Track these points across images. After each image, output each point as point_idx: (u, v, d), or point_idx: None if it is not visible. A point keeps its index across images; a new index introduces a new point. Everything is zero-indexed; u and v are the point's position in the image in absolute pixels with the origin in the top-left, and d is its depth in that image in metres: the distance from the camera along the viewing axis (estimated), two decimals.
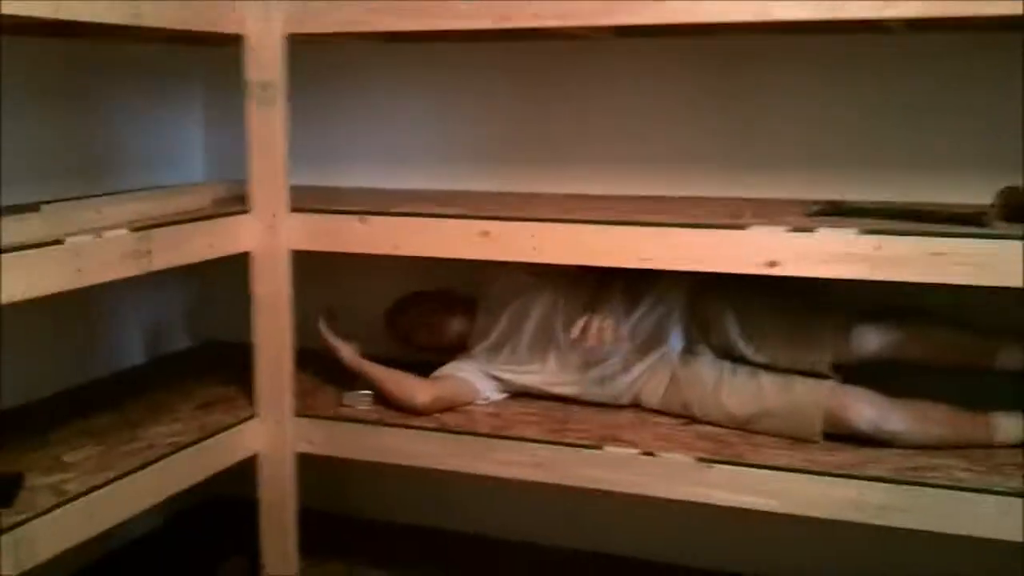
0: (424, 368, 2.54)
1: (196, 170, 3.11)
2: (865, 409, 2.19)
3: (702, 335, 2.43)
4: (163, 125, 3.01)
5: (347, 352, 2.51)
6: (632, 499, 2.22)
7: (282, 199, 2.34)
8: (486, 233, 2.20)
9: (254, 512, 2.50)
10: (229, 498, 2.78)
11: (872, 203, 2.25)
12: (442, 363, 2.59)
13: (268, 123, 2.30)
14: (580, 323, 2.39)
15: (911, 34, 2.31)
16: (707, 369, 2.37)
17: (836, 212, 2.15)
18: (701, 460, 2.15)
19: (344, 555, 2.88)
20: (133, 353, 2.97)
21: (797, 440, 2.23)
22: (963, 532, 1.99)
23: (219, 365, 2.83)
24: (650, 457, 2.19)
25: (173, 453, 2.22)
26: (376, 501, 3.08)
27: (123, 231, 2.04)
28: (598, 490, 2.24)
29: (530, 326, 2.56)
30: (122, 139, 2.83)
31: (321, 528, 2.93)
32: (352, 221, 2.31)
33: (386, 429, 2.40)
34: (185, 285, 3.11)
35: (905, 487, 2.02)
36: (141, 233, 2.07)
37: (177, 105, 3.07)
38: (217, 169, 3.08)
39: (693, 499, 2.16)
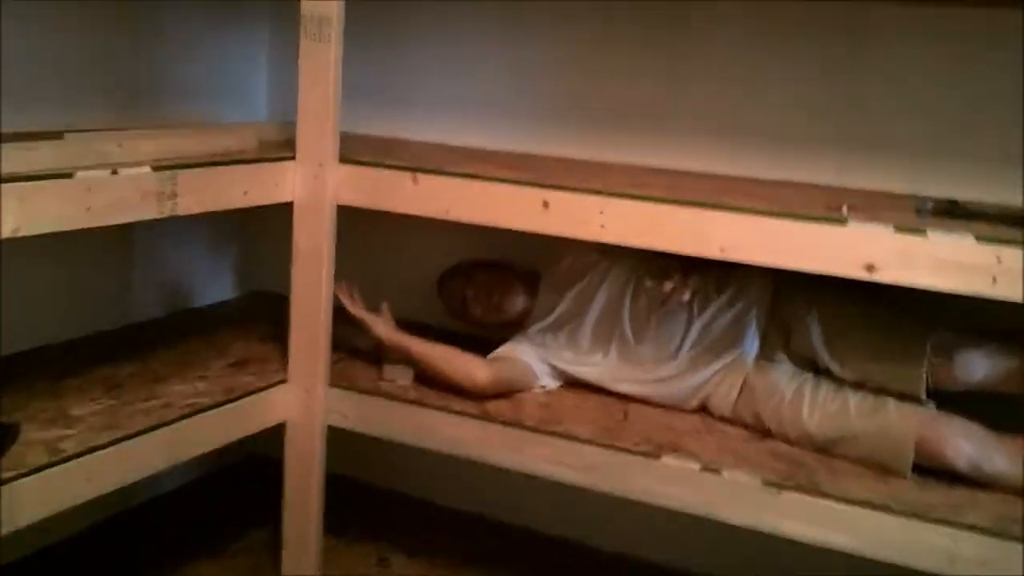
0: (468, 344, 2.30)
1: (259, 107, 2.91)
2: (965, 445, 1.90)
3: (781, 341, 2.16)
4: (226, 54, 2.81)
5: (383, 328, 2.28)
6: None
7: (331, 148, 2.12)
8: (547, 204, 1.95)
9: None
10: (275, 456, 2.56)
11: (995, 206, 1.95)
12: (491, 340, 2.36)
13: (320, 63, 2.08)
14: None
15: None
16: (786, 379, 2.10)
17: (951, 213, 1.86)
18: (769, 484, 1.88)
19: (374, 535, 2.68)
20: (175, 300, 2.79)
21: (883, 471, 1.95)
22: None
23: (265, 319, 2.64)
24: (712, 474, 1.93)
25: (190, 416, 2.03)
26: (417, 476, 2.87)
27: (145, 169, 1.84)
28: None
29: (595, 311, 2.32)
30: (180, 66, 2.63)
31: (353, 500, 2.80)
32: (404, 178, 2.08)
33: (425, 410, 2.18)
34: (237, 230, 2.92)
35: (1008, 543, 1.73)
36: (165, 173, 1.87)
37: (242, 33, 2.85)
38: (281, 108, 2.86)
39: (757, 527, 1.90)
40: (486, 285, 2.44)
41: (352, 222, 2.19)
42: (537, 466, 2.08)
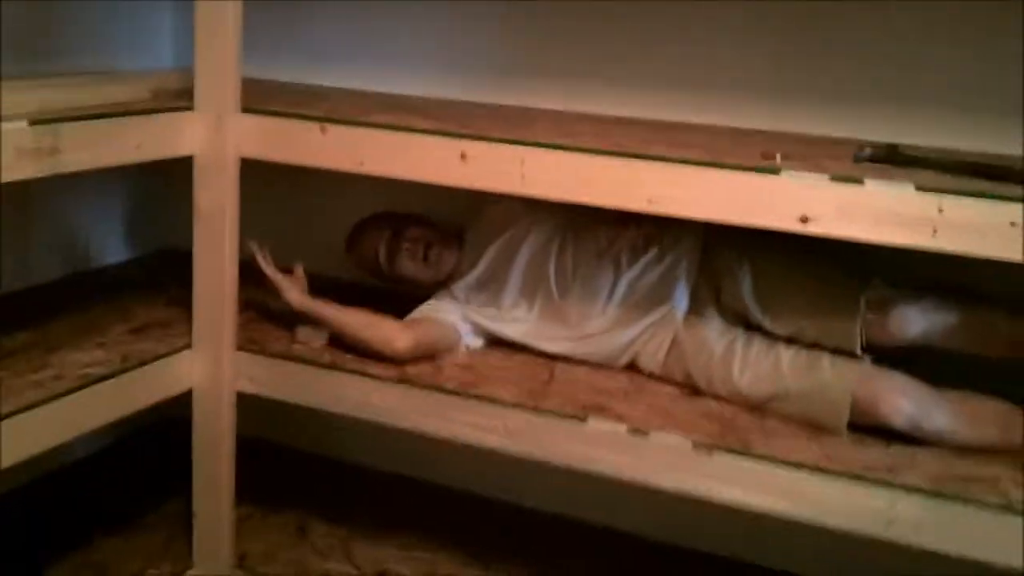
0: (385, 302, 2.18)
1: (165, 55, 2.73)
2: (902, 401, 1.82)
3: (712, 296, 2.07)
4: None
5: (295, 293, 2.13)
6: None
7: (231, 97, 1.97)
8: (464, 155, 1.83)
9: None
10: None
11: (937, 151, 1.86)
12: (410, 298, 2.24)
13: (218, 4, 1.92)
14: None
15: None
16: (715, 336, 2.01)
17: (891, 160, 1.77)
18: (699, 446, 1.80)
19: (293, 502, 2.57)
20: (76, 260, 2.63)
21: (818, 430, 1.87)
22: (1016, 564, 1.63)
23: (174, 280, 2.46)
24: (639, 436, 1.84)
25: (82, 387, 1.89)
26: (336, 437, 2.76)
27: (22, 123, 1.67)
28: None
29: (519, 265, 2.20)
30: (75, 12, 2.45)
31: (271, 465, 2.69)
32: (312, 129, 1.94)
33: (340, 374, 2.06)
34: (146, 182, 2.75)
35: (946, 502, 1.66)
36: (44, 127, 1.70)
37: None
38: (188, 56, 2.67)
39: (686, 491, 1.81)
40: (418, 244, 2.27)
41: (261, 175, 2.04)
42: (458, 431, 1.97)
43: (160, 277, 2.54)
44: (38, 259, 2.48)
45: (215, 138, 1.98)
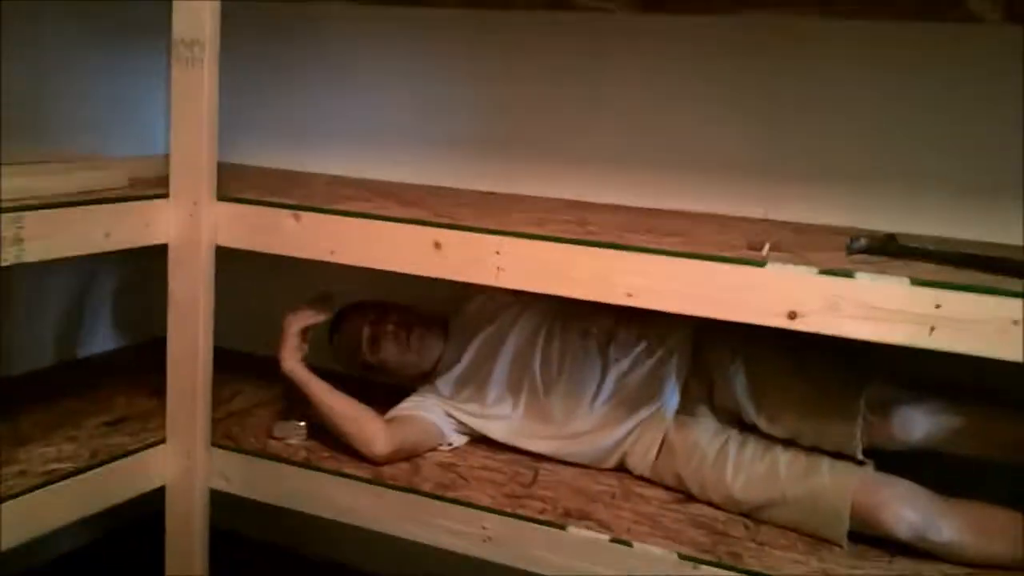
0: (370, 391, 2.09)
1: (158, 141, 2.68)
2: (906, 511, 1.69)
3: (704, 393, 1.95)
4: (121, 84, 2.58)
5: (291, 354, 2.03)
6: None
7: (206, 184, 1.92)
8: (439, 244, 1.75)
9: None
10: None
11: (937, 241, 1.75)
12: (390, 390, 2.14)
13: (192, 90, 1.88)
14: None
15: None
16: (708, 437, 1.89)
17: (887, 250, 1.66)
18: (685, 558, 1.67)
19: None
20: (62, 348, 2.57)
21: (816, 540, 1.74)
22: None
23: (159, 370, 2.40)
24: (622, 547, 1.72)
25: (42, 486, 1.81)
26: (321, 535, 2.61)
27: None
28: None
29: (503, 359, 2.11)
30: (72, 98, 2.42)
31: (255, 562, 2.59)
32: (285, 217, 1.88)
33: (315, 475, 1.97)
34: (138, 269, 2.68)
35: None
36: (7, 215, 1.65)
37: (139, 62, 2.61)
38: None
39: None
40: (402, 328, 2.18)
41: (240, 260, 1.97)
42: (434, 536, 1.87)
43: (145, 367, 2.46)
44: (22, 347, 2.42)
45: (189, 226, 1.93)
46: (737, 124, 2.14)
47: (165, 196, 1.93)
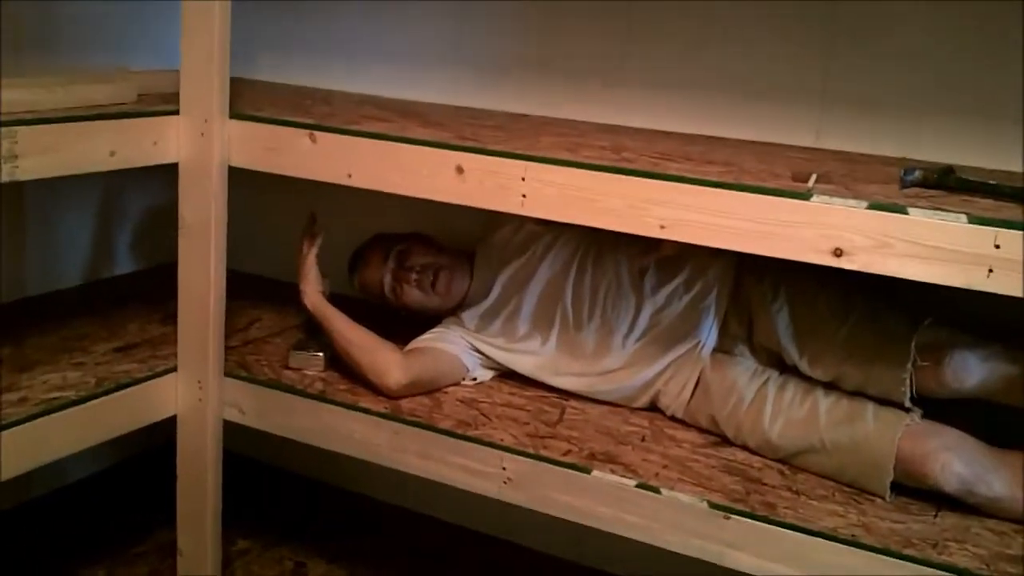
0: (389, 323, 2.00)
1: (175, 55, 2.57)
2: (954, 462, 1.58)
3: (743, 331, 1.84)
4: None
5: (312, 287, 1.97)
6: None
7: (217, 100, 1.81)
8: (461, 169, 1.63)
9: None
10: None
11: (999, 175, 1.61)
12: (417, 320, 2.05)
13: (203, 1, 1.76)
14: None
15: None
16: (745, 377, 1.78)
17: (944, 184, 1.53)
18: (716, 507, 1.57)
19: (290, 535, 2.40)
20: (78, 271, 2.48)
21: (857, 491, 1.63)
22: None
23: (174, 295, 2.32)
24: (649, 493, 1.62)
25: (43, 414, 1.74)
26: (338, 464, 2.52)
27: None
28: None
29: (533, 291, 2.00)
30: (83, 10, 2.30)
31: (267, 491, 2.57)
32: (301, 136, 1.77)
33: (329, 408, 1.89)
34: (161, 189, 2.59)
35: None
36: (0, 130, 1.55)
37: None
38: None
39: (698, 556, 1.60)
40: (425, 273, 2.06)
41: (257, 181, 1.88)
42: (451, 475, 1.79)
43: (166, 292, 2.38)
44: (34, 269, 2.35)
45: (200, 145, 1.83)
46: (785, 45, 1.98)
47: (175, 113, 1.83)
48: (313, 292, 1.97)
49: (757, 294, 1.84)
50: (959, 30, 1.85)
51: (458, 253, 2.12)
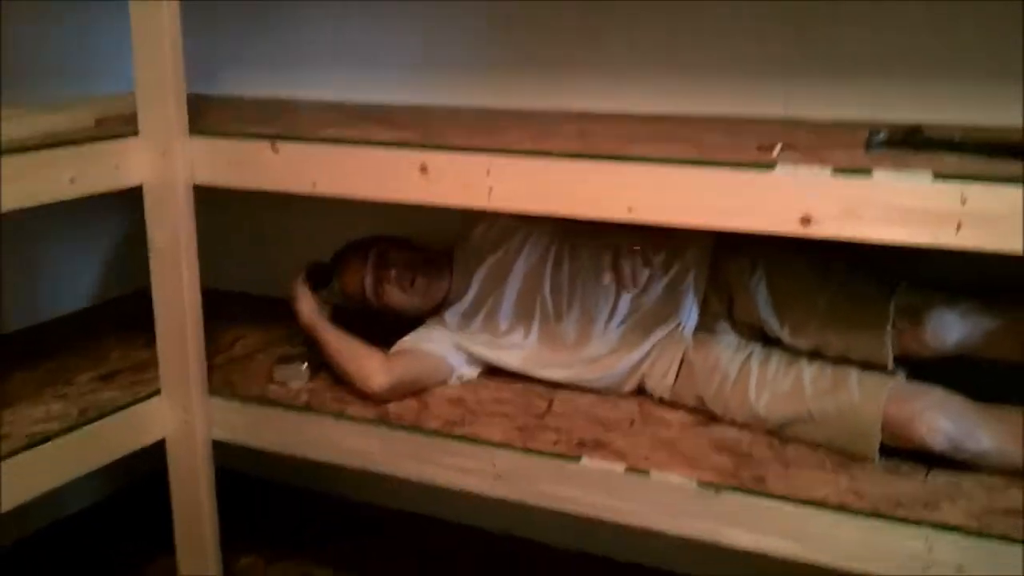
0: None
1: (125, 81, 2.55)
2: (941, 420, 1.57)
3: (723, 308, 1.83)
4: (94, 24, 2.43)
5: (308, 307, 1.99)
6: None
7: (175, 119, 1.79)
8: (425, 168, 1.62)
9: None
10: None
11: (966, 130, 1.60)
12: (402, 324, 2.04)
13: (152, 21, 1.75)
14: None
15: None
16: (729, 353, 1.78)
17: (909, 143, 1.52)
18: (706, 485, 1.57)
19: (296, 546, 2.39)
20: (66, 299, 2.47)
21: (846, 457, 1.63)
22: None
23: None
24: (639, 476, 1.62)
25: (26, 448, 1.72)
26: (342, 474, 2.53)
27: None
28: None
29: (512, 286, 2.00)
30: (43, 41, 2.29)
31: (278, 506, 2.56)
32: (263, 148, 1.76)
33: (317, 418, 1.88)
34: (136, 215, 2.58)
35: (991, 543, 1.42)
36: None
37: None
38: None
39: (692, 535, 1.59)
40: (405, 272, 2.05)
41: (225, 198, 1.87)
42: (442, 475, 1.78)
43: (144, 317, 2.37)
44: (10, 304, 2.32)
45: (163, 166, 1.81)
46: (751, 18, 1.96)
47: (134, 135, 1.82)
48: (308, 310, 1.99)
49: (735, 270, 1.83)
50: None
51: (436, 253, 2.11)
